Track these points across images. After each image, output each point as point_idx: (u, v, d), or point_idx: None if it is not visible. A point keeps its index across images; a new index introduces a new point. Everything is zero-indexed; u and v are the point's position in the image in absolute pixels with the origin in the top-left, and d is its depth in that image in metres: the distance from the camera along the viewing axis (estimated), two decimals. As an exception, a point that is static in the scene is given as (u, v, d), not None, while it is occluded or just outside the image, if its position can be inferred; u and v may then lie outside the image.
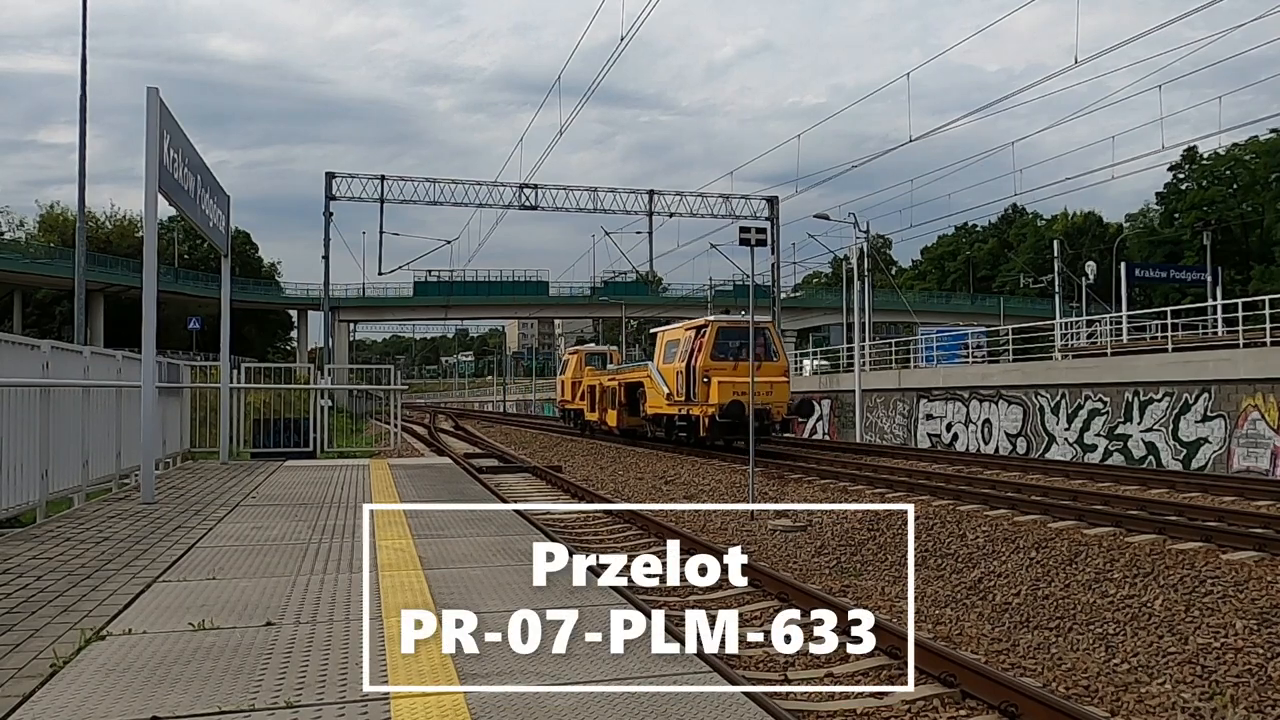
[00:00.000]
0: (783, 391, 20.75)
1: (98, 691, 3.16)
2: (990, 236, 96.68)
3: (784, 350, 22.56)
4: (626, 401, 25.40)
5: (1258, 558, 8.15)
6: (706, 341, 20.73)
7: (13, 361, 6.67)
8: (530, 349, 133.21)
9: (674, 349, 22.27)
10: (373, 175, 43.10)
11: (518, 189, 43.74)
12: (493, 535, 6.57)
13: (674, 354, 22.05)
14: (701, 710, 3.03)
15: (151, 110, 8.29)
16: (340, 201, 42.63)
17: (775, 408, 20.28)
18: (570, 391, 32.26)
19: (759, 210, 46.55)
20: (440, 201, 44.68)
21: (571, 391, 32.06)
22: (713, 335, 20.77)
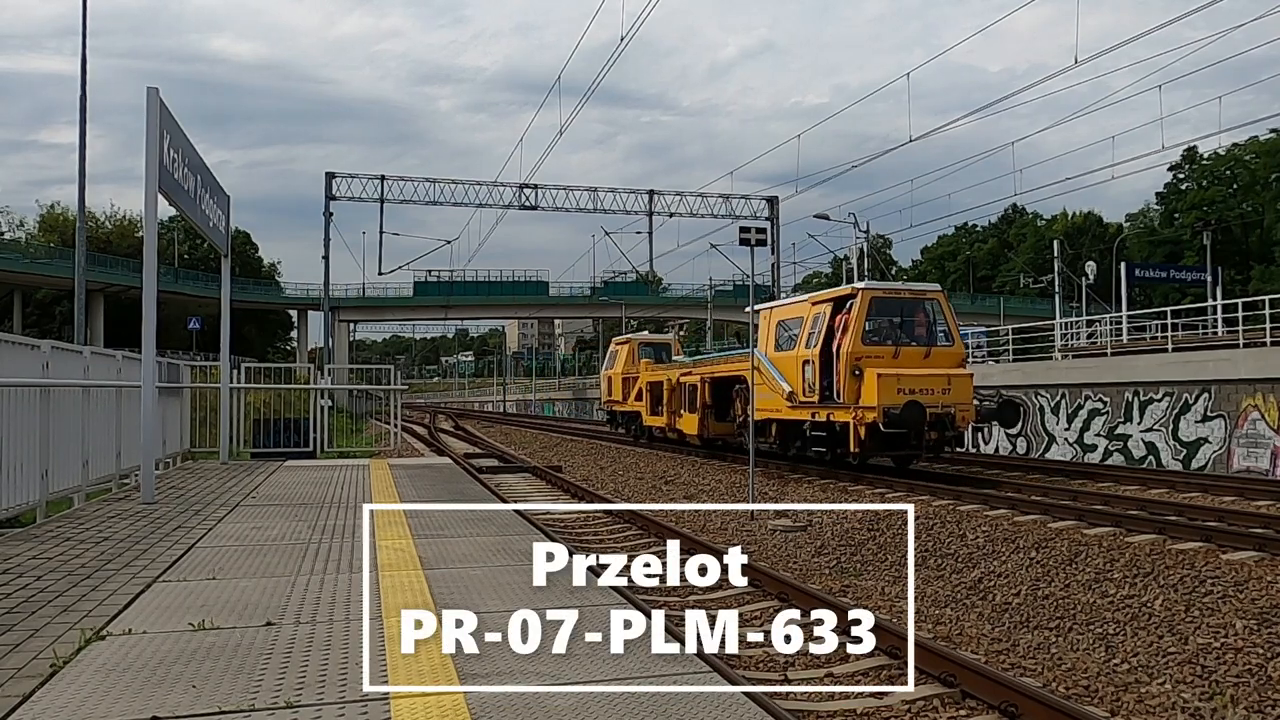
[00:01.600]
0: (964, 388, 14.74)
1: (98, 691, 3.16)
2: (990, 236, 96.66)
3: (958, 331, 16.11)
4: (713, 403, 20.07)
5: (1258, 558, 8.15)
6: (855, 318, 14.85)
7: (13, 361, 6.67)
8: (530, 349, 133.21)
9: (792, 331, 16.59)
10: (373, 175, 43.16)
11: (518, 189, 43.76)
12: (493, 535, 6.57)
13: (793, 338, 16.49)
14: (701, 710, 3.03)
15: (151, 110, 8.29)
16: (340, 201, 42.68)
17: (959, 411, 14.37)
18: (620, 390, 26.36)
19: (759, 210, 46.58)
20: (440, 201, 44.72)
21: (623, 390, 26.17)
22: (864, 309, 14.87)
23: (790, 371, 16.11)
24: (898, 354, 14.78)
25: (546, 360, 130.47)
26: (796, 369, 15.87)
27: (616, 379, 26.91)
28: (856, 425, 14.12)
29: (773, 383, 16.66)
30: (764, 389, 16.78)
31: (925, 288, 16.59)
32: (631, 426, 26.20)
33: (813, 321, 15.84)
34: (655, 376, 23.85)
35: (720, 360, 20.83)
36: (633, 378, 25.66)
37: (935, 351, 15.11)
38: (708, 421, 20.38)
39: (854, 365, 14.52)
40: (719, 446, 21.00)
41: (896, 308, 15.40)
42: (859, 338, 14.68)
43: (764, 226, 33.39)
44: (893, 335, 15.12)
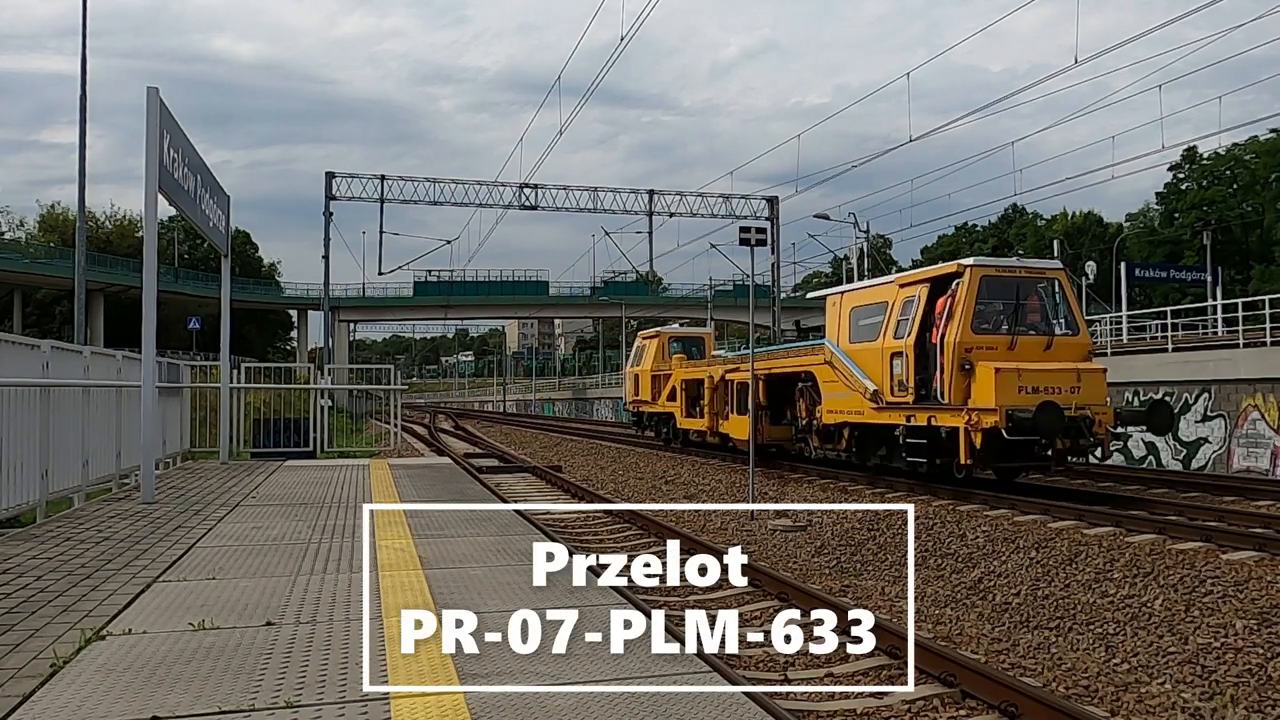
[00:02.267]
0: (1097, 386, 12.15)
1: (98, 691, 3.16)
2: (990, 236, 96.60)
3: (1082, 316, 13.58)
4: (769, 404, 17.58)
5: (1258, 558, 8.15)
6: (963, 301, 12.31)
7: (13, 361, 6.67)
8: (530, 349, 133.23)
9: (873, 318, 14.08)
10: (373, 175, 43.12)
11: (518, 189, 43.74)
12: (493, 535, 6.57)
13: (875, 327, 13.94)
14: (701, 710, 3.03)
15: (151, 110, 8.29)
16: (340, 201, 42.66)
17: (1096, 413, 11.72)
18: (648, 389, 23.68)
19: (759, 210, 46.57)
20: (440, 201, 44.69)
21: (651, 389, 23.48)
22: (973, 290, 12.34)
23: (872, 366, 13.61)
24: (1014, 344, 12.23)
25: (546, 360, 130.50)
26: (881, 363, 13.43)
27: (644, 377, 23.95)
28: (970, 431, 11.56)
29: (850, 379, 14.07)
30: (837, 387, 14.49)
31: (1045, 264, 13.62)
32: (663, 430, 23.39)
33: (902, 307, 13.29)
34: (692, 373, 21.12)
35: (780, 354, 17.61)
36: (663, 375, 22.84)
37: (1057, 341, 12.52)
38: (762, 425, 17.11)
39: (962, 358, 12.04)
40: (772, 454, 18.22)
41: (1011, 288, 12.65)
42: (967, 324, 12.18)
43: (764, 226, 33.27)
44: (1008, 321, 12.52)
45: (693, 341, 24.46)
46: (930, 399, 12.59)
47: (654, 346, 24.03)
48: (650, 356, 23.97)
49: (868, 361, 13.84)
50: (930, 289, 12.99)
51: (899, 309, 13.41)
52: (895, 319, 13.40)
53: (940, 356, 12.39)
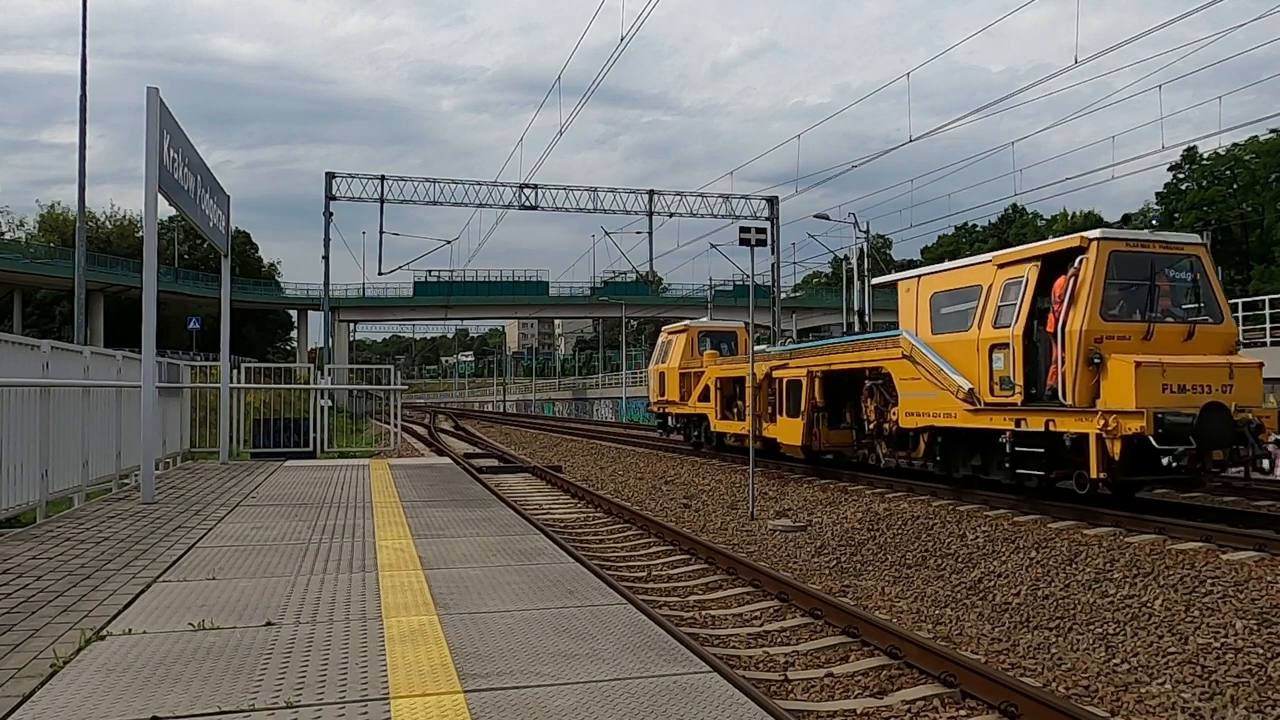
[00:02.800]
0: (1253, 384, 10.32)
1: (98, 691, 3.16)
2: (990, 236, 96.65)
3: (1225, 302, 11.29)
4: (826, 404, 15.56)
5: (1258, 558, 8.15)
6: (1089, 282, 10.36)
7: (13, 361, 6.67)
8: (530, 349, 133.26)
9: (964, 304, 11.94)
10: (373, 175, 43.11)
11: (518, 189, 43.75)
12: (493, 535, 6.57)
13: (965, 314, 11.88)
14: (701, 710, 3.03)
15: (151, 110, 8.29)
16: (340, 201, 42.66)
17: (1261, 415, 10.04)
18: (676, 388, 21.92)
19: (759, 210, 46.57)
20: (440, 201, 44.69)
21: (680, 389, 21.71)
22: (1101, 268, 10.37)
23: (965, 361, 11.60)
24: (1150, 334, 10.26)
25: (546, 360, 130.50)
26: (977, 357, 11.38)
27: (671, 375, 22.04)
28: (1105, 439, 9.64)
29: (937, 377, 12.04)
30: (919, 385, 12.45)
31: (1183, 239, 11.43)
32: (693, 432, 21.47)
33: (1003, 290, 11.25)
34: (730, 370, 18.95)
35: (840, 349, 15.34)
36: (694, 373, 20.91)
37: (1200, 330, 10.51)
38: (818, 429, 15.48)
39: (1089, 351, 10.08)
40: (827, 461, 16.46)
41: (1145, 266, 10.57)
42: (1095, 310, 10.20)
43: (764, 226, 33.23)
44: (1142, 306, 10.48)
45: (724, 336, 22.18)
46: (1044, 400, 10.59)
47: (682, 342, 21.96)
48: (678, 353, 21.99)
49: (957, 355, 11.82)
50: (1042, 269, 10.87)
51: (998, 293, 11.32)
52: (994, 305, 11.32)
53: (1060, 349, 10.38)
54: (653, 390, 23.91)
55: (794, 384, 16.12)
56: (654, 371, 23.80)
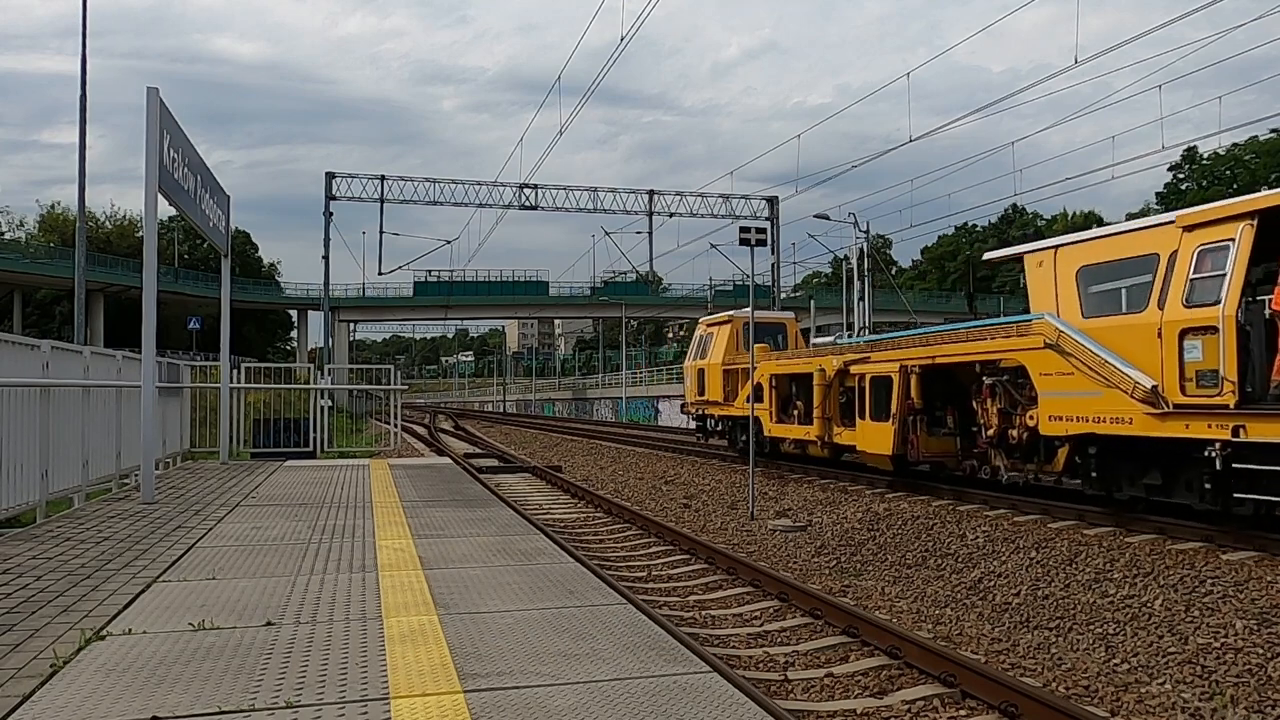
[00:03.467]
0: None
1: (98, 691, 3.16)
2: (990, 236, 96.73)
3: None
4: (923, 407, 12.87)
5: (1258, 558, 8.14)
6: None
7: (13, 361, 6.67)
8: (530, 349, 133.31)
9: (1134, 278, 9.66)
10: (373, 175, 43.12)
11: (518, 189, 43.75)
12: (493, 535, 6.57)
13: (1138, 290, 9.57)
14: (701, 710, 3.03)
15: (151, 110, 8.29)
16: (340, 201, 42.67)
17: None
18: (718, 387, 19.30)
19: (759, 210, 46.56)
20: (440, 201, 44.71)
21: (723, 387, 19.14)
22: None
23: (1139, 350, 9.31)
24: None
25: (546, 360, 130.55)
26: (1160, 346, 9.05)
27: (713, 372, 19.52)
28: None
29: (1096, 370, 9.72)
30: (1070, 381, 10.09)
31: None
32: (739, 437, 18.75)
33: (1196, 259, 8.93)
34: (790, 366, 16.68)
35: (943, 338, 12.61)
36: (741, 370, 18.31)
37: None
38: (915, 435, 12.74)
39: None
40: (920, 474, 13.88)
41: None
42: None
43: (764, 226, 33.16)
44: None
45: (773, 329, 19.79)
46: (1263, 399, 8.32)
47: (725, 335, 19.35)
48: (721, 347, 19.37)
49: (1126, 344, 9.48)
50: (1259, 228, 8.53)
51: (1190, 262, 8.99)
52: (1182, 278, 9.01)
53: None
54: (689, 389, 21.04)
55: (880, 382, 13.46)
56: (691, 368, 20.94)
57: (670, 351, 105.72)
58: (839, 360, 14.83)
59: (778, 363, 17.24)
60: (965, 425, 12.48)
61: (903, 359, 13.17)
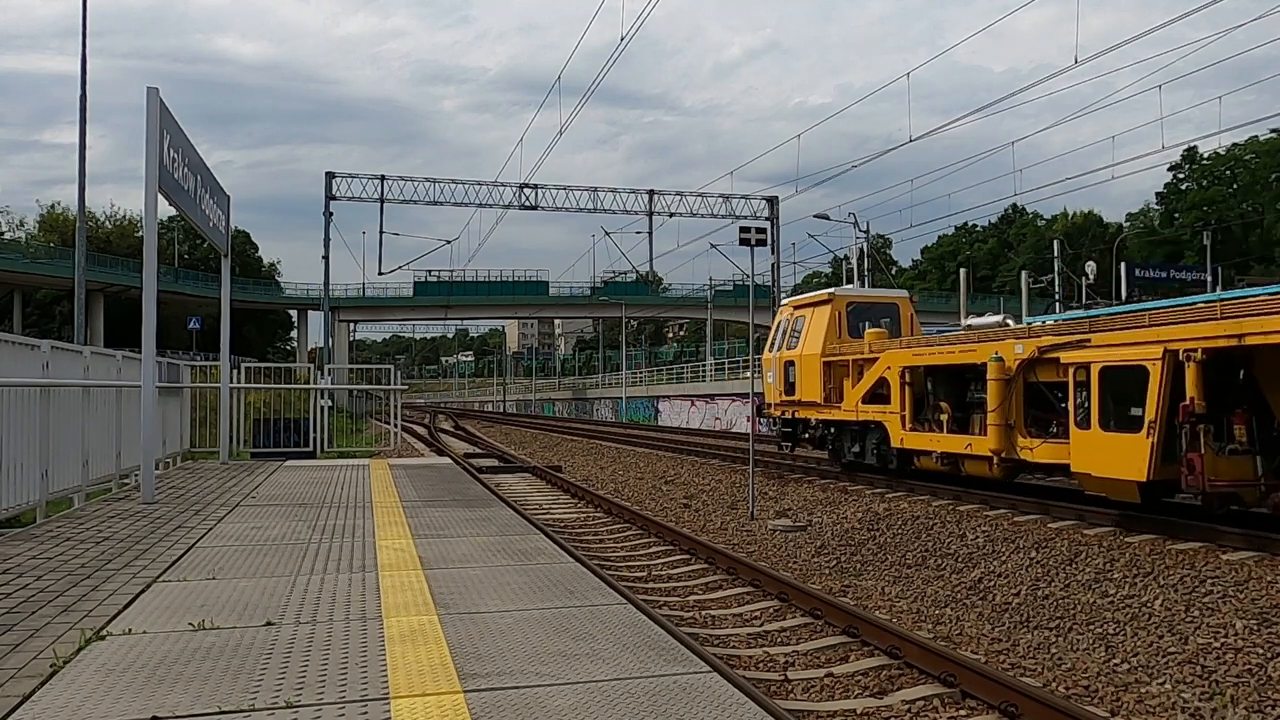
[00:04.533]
0: None
1: (98, 691, 3.16)
2: (990, 236, 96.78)
3: None
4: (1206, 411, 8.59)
5: (1258, 558, 8.14)
6: None
7: (13, 361, 6.67)
8: (530, 349, 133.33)
9: None
10: (373, 175, 43.13)
11: (518, 189, 43.75)
12: (493, 535, 6.57)
13: None
14: (701, 710, 3.03)
15: (151, 110, 8.29)
16: (340, 201, 42.68)
17: None
18: (816, 383, 15.35)
19: (759, 210, 46.55)
20: (440, 201, 44.72)
21: (824, 384, 15.25)
22: None
23: None
24: None
25: (546, 360, 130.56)
26: None
27: (807, 366, 15.58)
28: None
29: None
30: None
31: None
32: (850, 447, 14.74)
33: None
34: (937, 356, 12.66)
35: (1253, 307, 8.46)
36: (851, 362, 14.60)
37: None
38: (1197, 454, 8.44)
39: None
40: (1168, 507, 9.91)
41: None
42: None
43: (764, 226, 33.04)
44: None
45: (881, 311, 15.61)
46: None
47: (823, 319, 15.48)
48: (818, 333, 15.51)
49: None
50: None
51: None
52: None
53: None
54: (772, 387, 17.06)
55: (1122, 375, 9.43)
56: (774, 361, 16.91)
57: (670, 351, 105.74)
58: (1030, 346, 10.94)
59: (913, 352, 13.01)
60: (1270, 438, 8.79)
61: (1171, 339, 8.90)
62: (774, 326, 17.40)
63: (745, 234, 13.98)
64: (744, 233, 14.01)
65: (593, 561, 9.06)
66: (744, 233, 14.01)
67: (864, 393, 14.04)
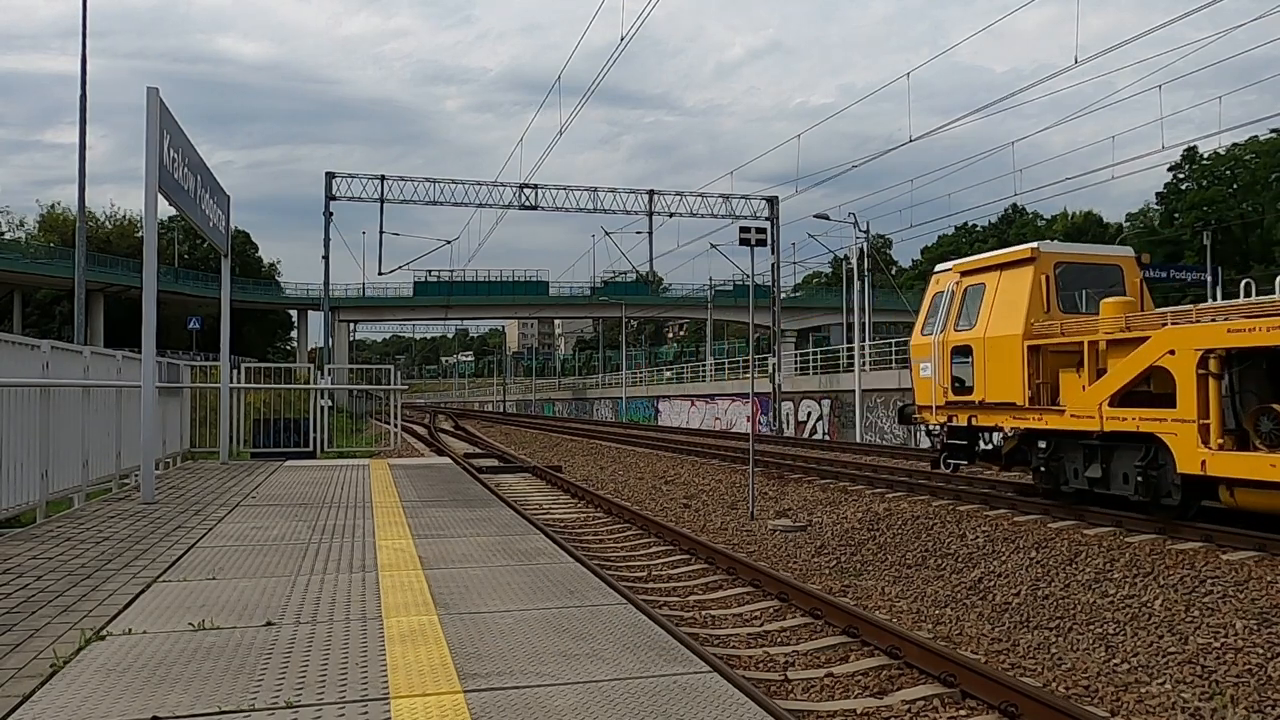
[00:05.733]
0: None
1: (98, 691, 3.16)
2: (990, 236, 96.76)
3: None
4: None
5: (1258, 558, 8.14)
6: None
7: (13, 361, 6.67)
8: (530, 349, 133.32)
9: None
10: (373, 175, 43.08)
11: (518, 189, 43.73)
12: (493, 535, 6.57)
13: None
14: (701, 710, 3.03)
15: (151, 110, 8.29)
16: (341, 201, 42.62)
17: None
18: (1013, 377, 11.04)
19: (759, 210, 46.52)
20: (440, 201, 44.66)
21: (1026, 377, 10.85)
22: None
23: None
24: None
25: (546, 360, 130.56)
26: None
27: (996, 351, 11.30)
28: None
29: None
30: None
31: None
32: (1084, 471, 10.36)
33: None
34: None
35: None
36: (1072, 347, 10.54)
37: None
38: None
39: None
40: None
41: None
42: None
43: (764, 226, 33.03)
44: None
45: (1103, 273, 11.66)
46: None
47: (1021, 285, 11.12)
48: (1011, 306, 11.18)
49: None
50: None
51: None
52: None
53: None
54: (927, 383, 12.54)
55: None
56: (932, 346, 12.38)
57: (670, 351, 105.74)
58: None
59: (1228, 327, 8.58)
60: None
61: None
62: (926, 301, 12.96)
63: (745, 234, 14.00)
64: (744, 233, 14.03)
65: (593, 561, 9.06)
66: (744, 233, 14.03)
67: (1115, 390, 9.74)
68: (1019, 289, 11.19)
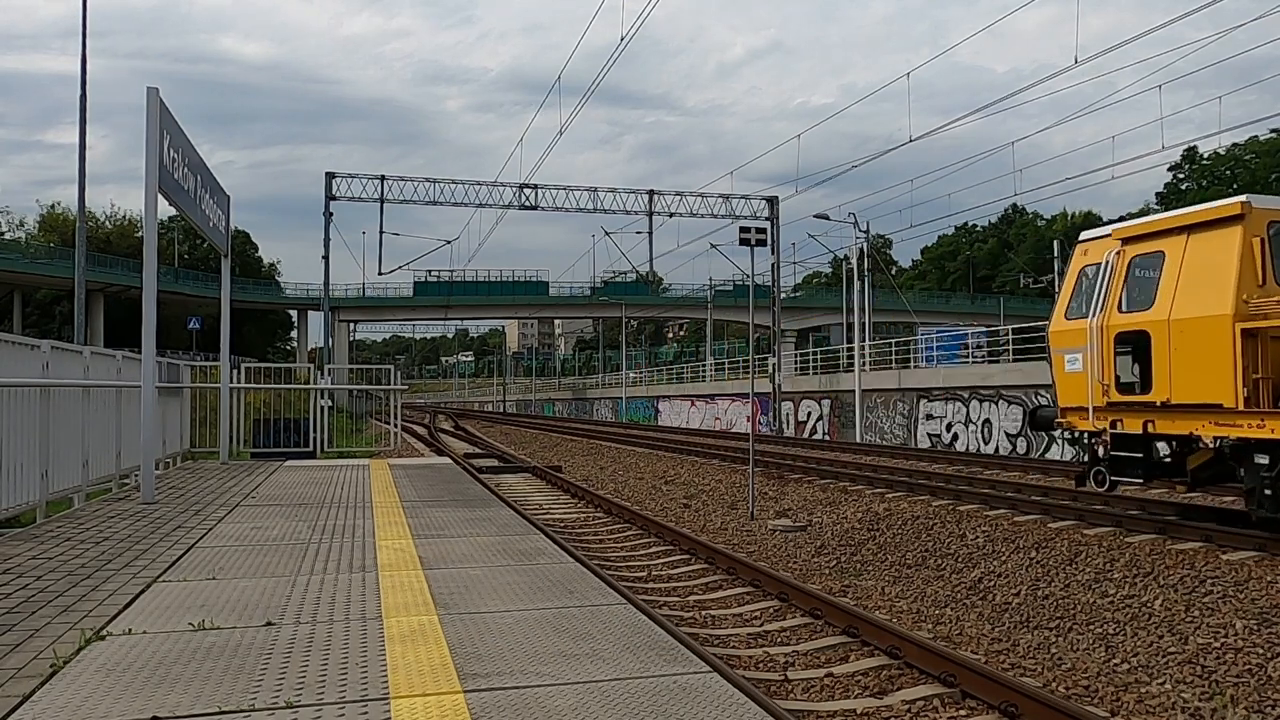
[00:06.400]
0: None
1: (98, 691, 3.16)
2: (990, 236, 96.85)
3: None
4: None
5: (1258, 558, 8.14)
6: None
7: (13, 361, 6.67)
8: (530, 349, 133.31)
9: None
10: (373, 175, 43.07)
11: (518, 189, 43.73)
12: (493, 535, 6.57)
13: None
14: (701, 710, 3.03)
15: (151, 110, 8.29)
16: (340, 201, 42.62)
17: None
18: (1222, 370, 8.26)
19: (759, 210, 46.52)
20: (440, 201, 44.65)
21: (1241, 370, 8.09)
22: None
23: None
24: None
25: (546, 360, 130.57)
26: None
27: (1190, 337, 8.72)
28: None
29: None
30: None
31: None
32: None
33: None
34: None
35: None
36: None
37: None
38: None
39: None
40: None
41: None
42: None
43: (764, 226, 32.98)
44: None
45: None
46: None
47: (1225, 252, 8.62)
48: (1209, 278, 8.71)
49: None
50: None
51: None
52: None
53: None
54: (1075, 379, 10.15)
55: None
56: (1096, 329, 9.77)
57: (670, 351, 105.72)
58: None
59: None
60: None
61: None
62: (1070, 277, 10.48)
63: (745, 234, 14.00)
64: (744, 233, 14.03)
65: (593, 561, 9.06)
66: (744, 233, 14.03)
67: None
68: (1223, 256, 8.59)
